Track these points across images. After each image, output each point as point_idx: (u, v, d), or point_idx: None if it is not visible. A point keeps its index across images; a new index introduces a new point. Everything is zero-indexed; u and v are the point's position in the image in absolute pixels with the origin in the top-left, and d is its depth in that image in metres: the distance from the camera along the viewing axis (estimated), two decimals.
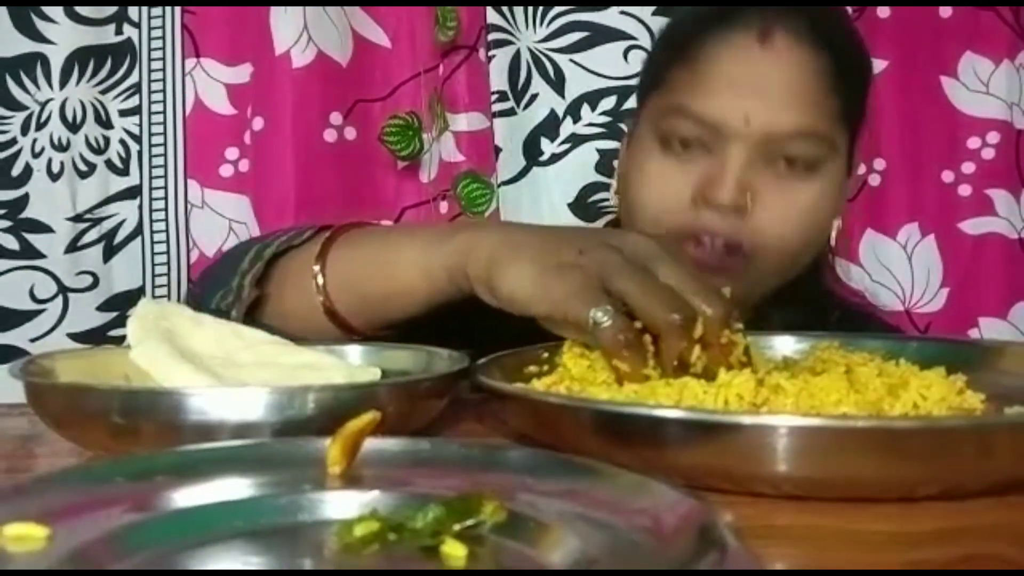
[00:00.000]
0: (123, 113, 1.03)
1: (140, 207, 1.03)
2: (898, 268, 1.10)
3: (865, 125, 0.77)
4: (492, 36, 1.05)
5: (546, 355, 0.55)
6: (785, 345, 0.61)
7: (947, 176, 1.08)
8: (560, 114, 1.07)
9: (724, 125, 0.69)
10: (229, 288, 0.65)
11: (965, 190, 1.08)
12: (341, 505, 0.33)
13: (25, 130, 1.01)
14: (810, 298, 0.80)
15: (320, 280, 0.62)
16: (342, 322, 0.62)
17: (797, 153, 0.70)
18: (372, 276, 0.62)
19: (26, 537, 0.29)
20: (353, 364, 0.56)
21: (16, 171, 1.00)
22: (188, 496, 0.33)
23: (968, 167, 1.08)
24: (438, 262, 0.58)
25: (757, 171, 0.70)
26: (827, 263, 0.84)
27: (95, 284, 1.02)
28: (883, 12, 1.08)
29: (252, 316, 0.64)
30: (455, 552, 0.29)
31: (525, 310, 0.52)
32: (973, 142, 1.07)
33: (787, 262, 0.73)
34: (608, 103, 1.06)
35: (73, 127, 1.01)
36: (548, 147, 1.07)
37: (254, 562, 0.30)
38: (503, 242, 0.55)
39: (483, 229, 0.59)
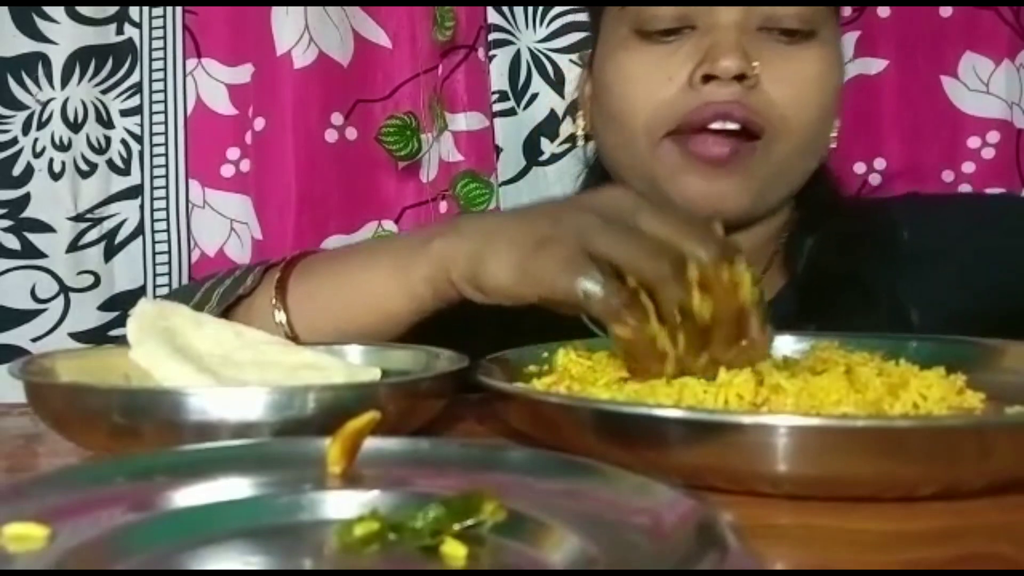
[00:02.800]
0: (124, 113, 1.03)
1: (141, 207, 1.04)
2: None
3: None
4: (492, 36, 1.05)
5: (546, 355, 0.55)
6: (785, 345, 0.61)
7: (947, 176, 1.08)
8: (560, 114, 1.07)
9: None
10: None
11: (965, 190, 1.08)
12: (341, 505, 0.33)
13: (26, 130, 1.01)
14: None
15: (285, 324, 0.58)
16: None
17: (793, 13, 0.63)
18: (345, 308, 0.58)
19: (26, 537, 0.29)
20: (353, 364, 0.56)
21: (17, 171, 1.01)
22: (188, 496, 0.33)
23: (968, 167, 1.08)
24: (418, 278, 0.55)
25: (752, 38, 0.63)
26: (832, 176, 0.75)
27: (96, 284, 1.02)
28: (883, 12, 1.08)
29: None
30: (455, 552, 0.29)
31: (517, 298, 0.50)
32: (973, 142, 1.07)
33: (804, 144, 0.65)
34: None
35: (74, 127, 1.01)
36: (548, 147, 1.07)
37: (254, 562, 0.30)
38: (477, 236, 0.52)
39: (454, 230, 0.55)
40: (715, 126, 0.63)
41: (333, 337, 0.58)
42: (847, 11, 1.02)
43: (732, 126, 0.63)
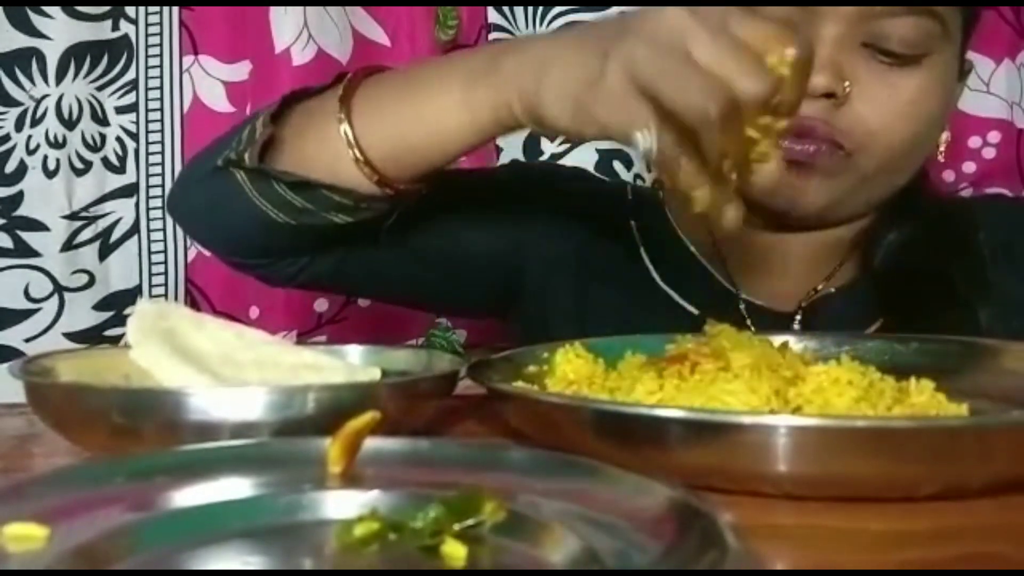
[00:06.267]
0: (120, 110, 1.03)
1: (137, 205, 1.03)
2: None
3: (979, 16, 0.68)
4: (493, 36, 1.05)
5: (546, 355, 0.55)
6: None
7: (948, 176, 1.08)
8: None
9: None
10: (239, 139, 0.61)
11: (966, 190, 1.08)
12: (341, 505, 0.33)
13: (20, 126, 1.00)
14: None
15: (346, 127, 0.58)
16: (374, 171, 0.58)
17: (900, 35, 0.61)
18: (408, 118, 0.58)
19: (26, 537, 0.29)
20: (353, 364, 0.56)
21: (10, 168, 1.00)
22: (188, 496, 0.33)
23: (969, 166, 1.08)
24: (482, 100, 0.54)
25: (852, 55, 0.62)
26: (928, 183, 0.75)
27: (91, 283, 1.02)
28: None
29: (264, 159, 0.60)
30: (455, 552, 0.29)
31: (575, 136, 0.50)
32: (974, 141, 1.07)
33: (892, 164, 0.66)
34: None
35: (69, 124, 1.01)
36: (548, 147, 1.07)
37: (254, 562, 0.30)
38: (538, 68, 0.51)
39: (521, 54, 0.53)
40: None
41: (391, 146, 0.58)
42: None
43: (812, 147, 0.63)
